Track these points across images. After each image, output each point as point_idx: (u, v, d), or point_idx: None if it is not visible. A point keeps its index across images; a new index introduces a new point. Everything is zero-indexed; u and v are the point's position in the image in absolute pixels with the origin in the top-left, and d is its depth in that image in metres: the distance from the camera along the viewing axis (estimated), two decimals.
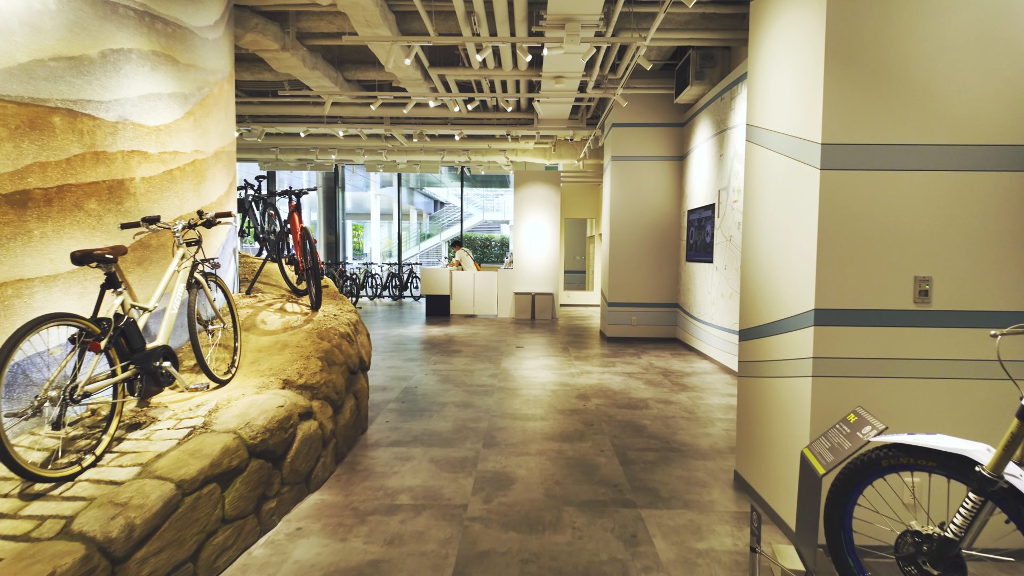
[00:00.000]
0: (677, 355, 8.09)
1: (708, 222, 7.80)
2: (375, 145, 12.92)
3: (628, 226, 9.29)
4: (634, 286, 9.34)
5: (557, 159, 13.55)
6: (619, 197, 9.28)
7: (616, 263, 9.34)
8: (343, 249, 19.63)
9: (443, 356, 7.76)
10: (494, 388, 5.98)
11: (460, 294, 12.46)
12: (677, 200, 9.26)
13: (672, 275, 9.33)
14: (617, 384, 6.25)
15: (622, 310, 9.36)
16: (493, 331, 10.29)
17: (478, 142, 12.76)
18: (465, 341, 9.09)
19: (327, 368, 3.85)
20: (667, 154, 9.23)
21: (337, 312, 4.98)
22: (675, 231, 9.28)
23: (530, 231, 12.49)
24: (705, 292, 7.88)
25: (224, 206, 4.59)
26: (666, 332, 9.37)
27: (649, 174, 9.25)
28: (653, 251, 9.30)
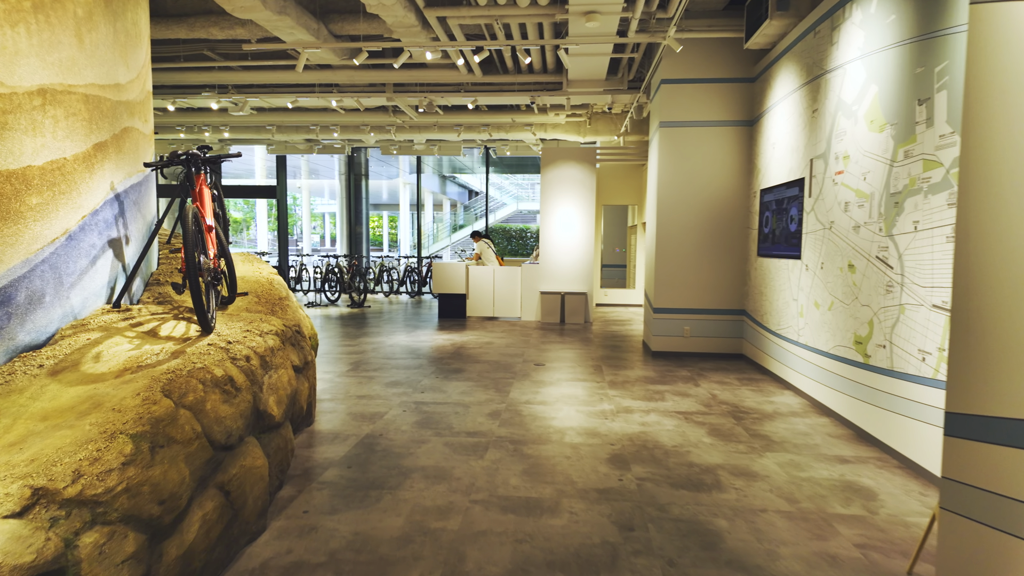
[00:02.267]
0: (747, 381, 6.11)
1: (793, 204, 5.78)
2: (381, 121, 11.22)
3: (680, 211, 7.31)
4: (687, 288, 7.37)
5: (593, 135, 11.60)
6: (669, 174, 7.31)
7: (664, 259, 7.38)
8: (366, 241, 18.17)
9: (439, 378, 6.00)
10: (490, 440, 4.17)
11: (478, 293, 10.68)
12: (744, 177, 7.22)
13: (737, 274, 7.31)
14: (669, 435, 4.35)
15: (671, 318, 7.40)
16: (512, 339, 8.48)
17: (499, 114, 10.91)
18: (474, 354, 7.30)
19: (144, 457, 2.11)
20: (731, 118, 7.19)
21: (240, 336, 3.25)
22: (741, 217, 7.25)
23: (560, 219, 10.59)
24: (787, 298, 5.87)
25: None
26: (728, 347, 7.37)
27: (708, 144, 7.24)
28: (712, 243, 7.30)
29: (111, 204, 3.67)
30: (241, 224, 43.85)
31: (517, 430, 4.38)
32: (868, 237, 4.33)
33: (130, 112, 4.14)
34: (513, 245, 30.16)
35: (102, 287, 3.49)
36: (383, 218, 48.68)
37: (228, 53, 8.72)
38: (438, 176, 32.08)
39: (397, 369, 6.44)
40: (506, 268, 10.70)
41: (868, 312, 4.30)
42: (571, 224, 10.57)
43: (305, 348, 4.16)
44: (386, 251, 42.11)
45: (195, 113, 11.29)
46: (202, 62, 8.68)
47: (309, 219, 34.07)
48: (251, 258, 5.59)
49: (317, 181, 35.91)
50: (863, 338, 4.38)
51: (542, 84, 9.22)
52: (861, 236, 4.44)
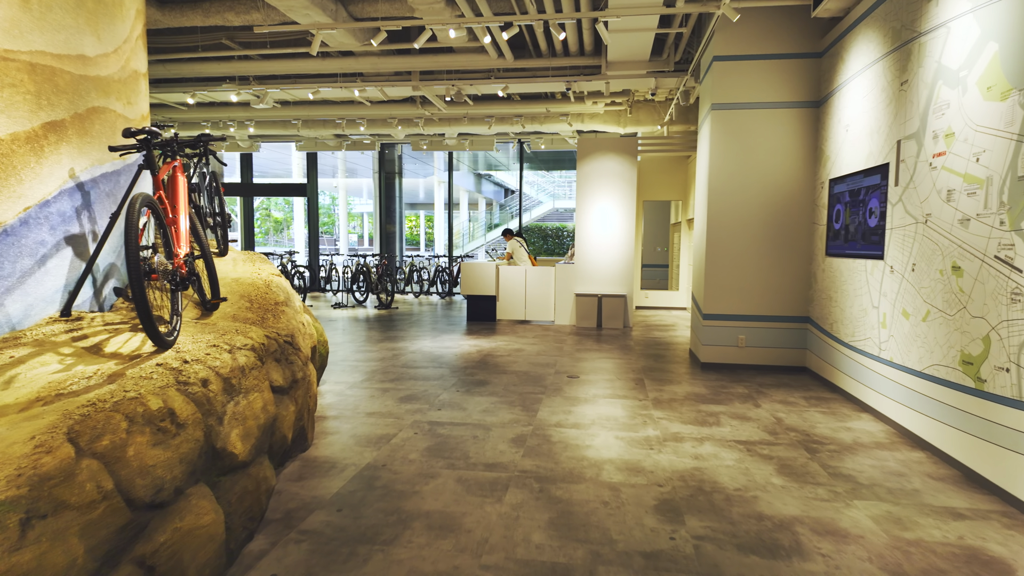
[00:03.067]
0: (816, 401, 5.26)
1: (873, 194, 4.91)
2: (409, 113, 10.67)
3: (734, 205, 6.49)
4: (742, 291, 6.53)
5: (634, 126, 10.79)
6: (722, 163, 6.49)
7: (716, 258, 6.56)
8: (400, 241, 17.75)
9: (460, 392, 5.36)
10: (512, 475, 3.50)
11: (508, 294, 10.02)
12: (809, 166, 6.34)
13: (800, 276, 6.44)
14: (729, 472, 3.59)
15: (724, 325, 6.58)
16: (544, 346, 7.78)
17: (532, 104, 10.22)
18: (501, 363, 6.64)
19: (8, 537, 1.51)
20: (794, 98, 6.32)
21: (202, 353, 2.66)
22: (805, 211, 6.38)
23: (598, 216, 9.84)
24: (865, 304, 5.00)
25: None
26: (790, 359, 6.51)
27: (767, 129, 6.39)
28: (771, 241, 6.45)
29: (70, 194, 3.14)
30: (282, 224, 44.42)
31: (544, 462, 3.69)
32: (982, 232, 3.48)
33: (103, 90, 3.61)
34: (549, 244, 29.41)
35: (55, 292, 2.95)
36: (419, 217, 48.61)
37: (247, 42, 8.29)
38: (473, 174, 31.60)
39: (415, 380, 5.82)
40: (539, 268, 10.00)
41: (982, 326, 3.45)
42: (609, 221, 9.80)
43: (297, 363, 3.56)
44: (422, 251, 41.96)
45: (218, 108, 10.97)
46: (221, 51, 8.27)
47: (346, 218, 34.07)
48: (254, 257, 5.07)
49: (355, 180, 35.89)
50: (974, 358, 3.53)
51: (579, 68, 8.49)
52: (972, 231, 3.58)
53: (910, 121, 4.33)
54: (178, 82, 9.55)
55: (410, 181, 33.37)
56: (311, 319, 5.49)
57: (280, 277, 4.74)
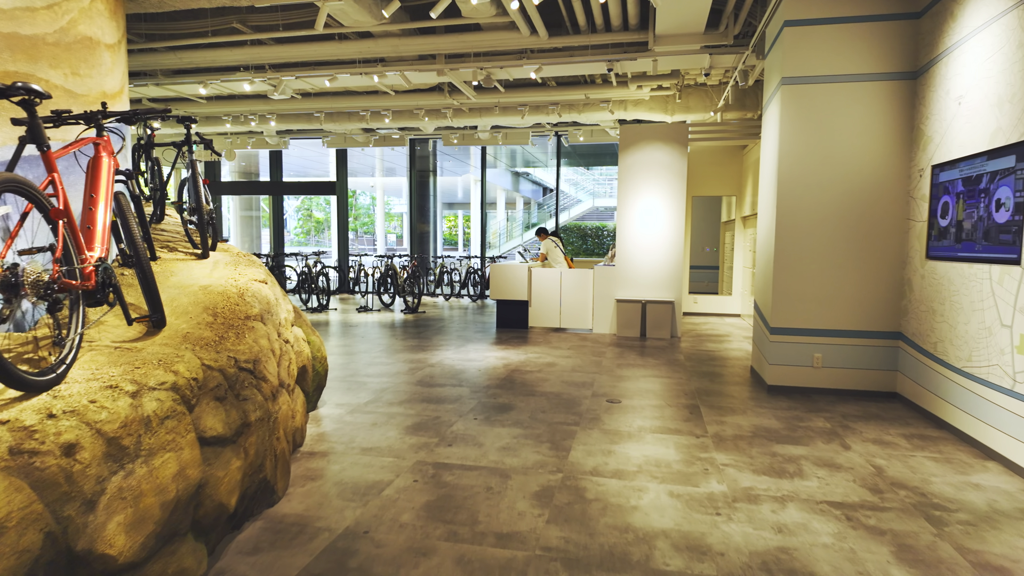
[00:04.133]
0: (919, 442, 4.20)
1: (1003, 181, 3.82)
2: (436, 103, 9.90)
3: (809, 198, 5.44)
4: (819, 301, 5.48)
5: (683, 113, 9.76)
6: (793, 148, 5.45)
7: (785, 262, 5.52)
8: (434, 241, 17.09)
9: (478, 420, 4.51)
10: (531, 553, 2.62)
11: (542, 299, 9.13)
12: (903, 149, 5.24)
13: (890, 283, 5.35)
14: (828, 555, 2.62)
15: (796, 342, 5.54)
16: (580, 360, 6.87)
17: (569, 90, 9.30)
18: (530, 381, 5.77)
19: None
20: (884, 69, 5.24)
21: (85, 400, 1.88)
22: (897, 205, 5.28)
23: (642, 212, 8.85)
24: (988, 321, 3.92)
25: None
26: (877, 382, 5.42)
27: (850, 106, 5.33)
28: (854, 241, 5.38)
29: None
30: (323, 224, 44.64)
31: (576, 533, 2.80)
32: None
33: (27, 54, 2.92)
34: (588, 244, 28.37)
35: None
36: (458, 217, 48.15)
37: (260, 25, 7.66)
38: (510, 173, 30.82)
39: (428, 403, 5.00)
40: (575, 271, 9.08)
41: None
42: (655, 218, 8.80)
43: (256, 397, 2.77)
44: (460, 251, 41.45)
45: (238, 101, 10.44)
46: (232, 35, 7.66)
47: (383, 218, 33.79)
48: (239, 260, 4.35)
49: (394, 180, 35.59)
50: None
51: (621, 46, 7.53)
52: None
53: None
54: (191, 72, 9.03)
55: (448, 180, 32.85)
56: (307, 332, 4.73)
57: (265, 284, 3.99)
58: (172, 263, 4.01)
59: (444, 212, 46.97)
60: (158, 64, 8.40)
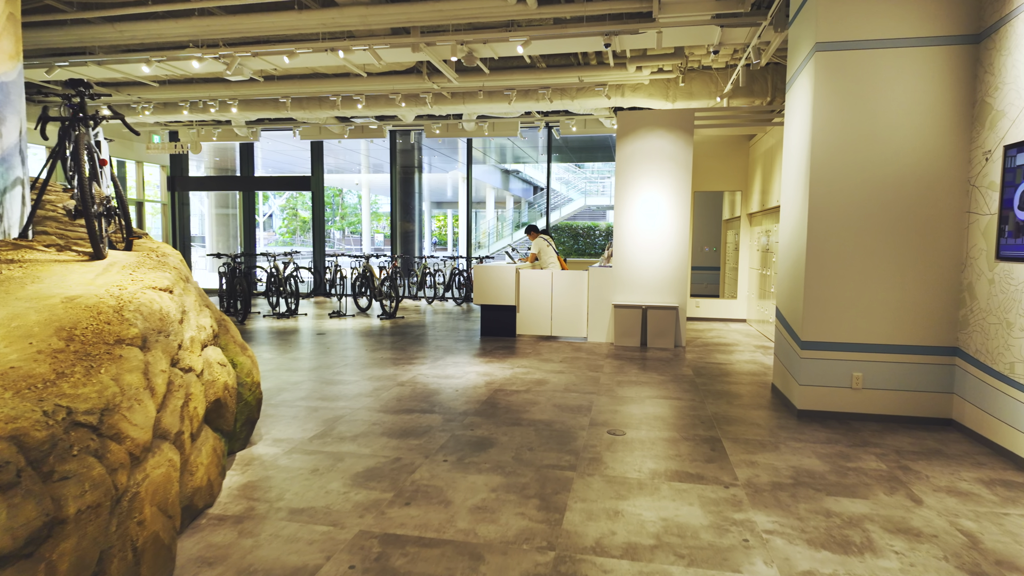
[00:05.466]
0: (1006, 489, 3.32)
1: None
2: (414, 87, 8.96)
3: (847, 188, 4.56)
4: (859, 310, 4.60)
5: (686, 99, 8.89)
6: (830, 127, 4.57)
7: (820, 263, 4.64)
8: (419, 240, 16.17)
9: (449, 462, 3.59)
10: None
11: (531, 304, 8.22)
12: (961, 128, 4.37)
13: (946, 288, 4.48)
14: None
15: (832, 358, 4.66)
16: (575, 376, 5.97)
17: (561, 73, 8.40)
18: (515, 406, 4.85)
19: None
20: (939, 32, 4.37)
21: None
22: (955, 195, 4.42)
23: (642, 207, 7.96)
24: None
25: None
26: (928, 407, 4.55)
27: (898, 77, 4.45)
28: (902, 238, 4.51)
29: None
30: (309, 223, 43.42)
31: None
32: None
33: None
34: (580, 244, 27.51)
35: None
36: (447, 217, 47.13)
37: None
38: (500, 170, 29.91)
39: (389, 437, 4.07)
40: (568, 273, 8.17)
41: None
42: (657, 213, 7.91)
43: (89, 473, 1.83)
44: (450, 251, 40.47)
45: (196, 86, 9.45)
46: (177, 3, 6.68)
47: (370, 217, 32.76)
48: (144, 262, 3.42)
49: (381, 176, 34.55)
50: None
51: (621, 17, 6.63)
52: None
53: None
54: (136, 50, 8.04)
55: (436, 177, 31.92)
56: (233, 352, 3.78)
57: (168, 293, 3.05)
58: (43, 266, 3.05)
59: (433, 211, 46.03)
60: (96, 38, 7.40)
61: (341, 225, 46.69)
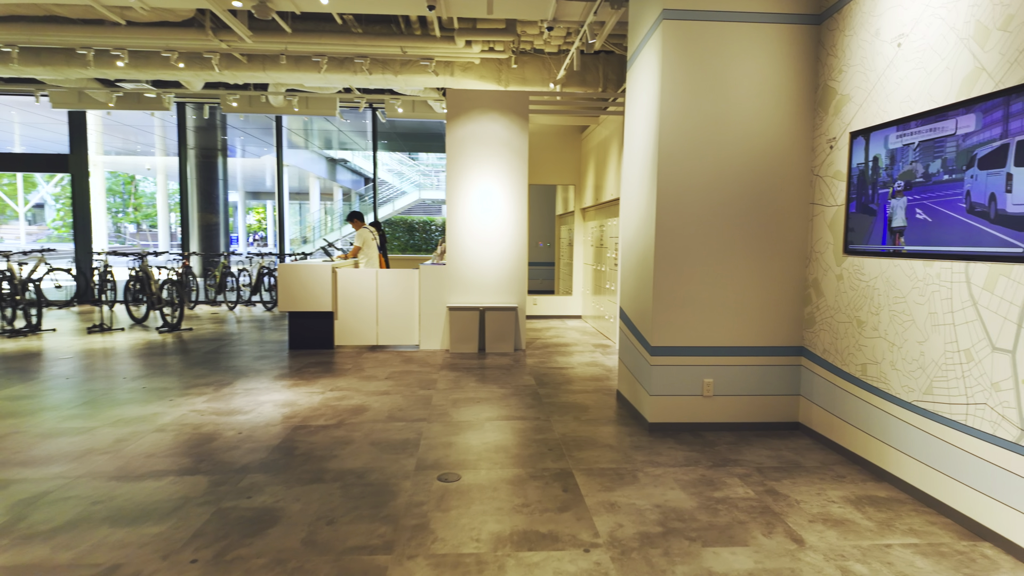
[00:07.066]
0: (875, 511, 2.99)
1: (990, 144, 2.71)
2: (196, 45, 7.22)
3: (698, 178, 4.12)
4: (709, 310, 4.20)
5: (519, 84, 8.26)
6: (680, 107, 4.08)
7: (669, 261, 4.16)
8: (225, 235, 13.86)
9: (200, 565, 2.40)
10: None
11: (352, 309, 7.02)
12: (807, 113, 4.14)
13: (790, 284, 4.24)
14: None
15: (682, 364, 4.21)
16: (402, 398, 4.96)
17: (381, 41, 7.28)
18: (322, 448, 3.72)
19: None
20: (782, 8, 4.09)
21: None
22: (801, 186, 4.18)
23: (478, 200, 7.17)
24: (963, 340, 2.79)
25: None
26: (777, 411, 4.30)
27: (748, 55, 4.09)
28: (750, 231, 4.18)
29: None
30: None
31: None
32: None
33: None
34: (416, 239, 26.37)
35: None
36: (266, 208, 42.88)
37: None
38: (325, 159, 27.59)
39: (113, 525, 2.74)
40: (396, 272, 7.11)
41: None
42: (493, 205, 7.17)
43: None
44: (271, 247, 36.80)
45: None
46: None
47: (166, 208, 28.38)
48: None
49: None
50: None
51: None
52: None
53: None
54: None
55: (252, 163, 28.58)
56: None
57: None
58: None
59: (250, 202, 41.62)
60: None
61: (135, 218, 40.21)
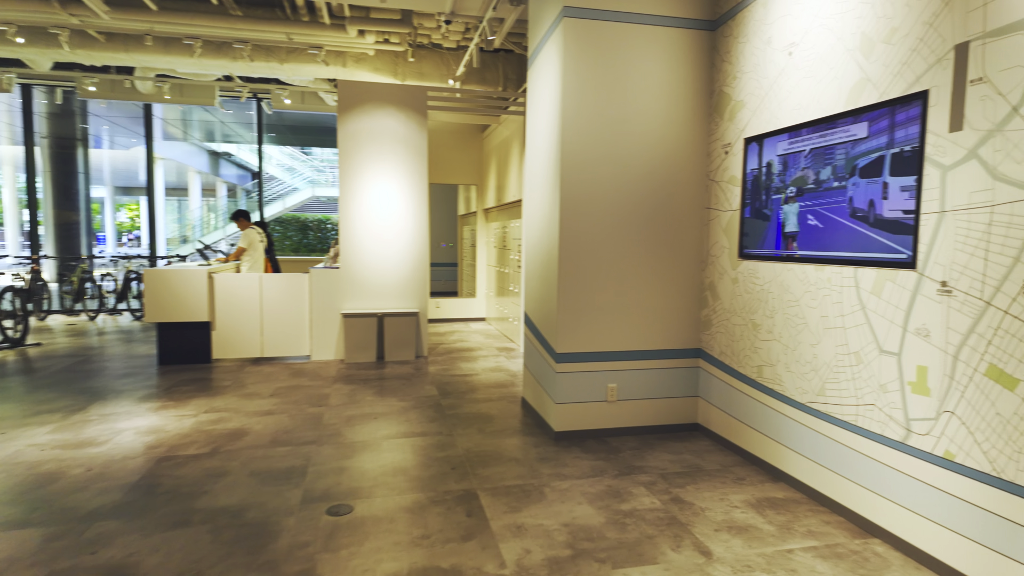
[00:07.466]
0: (775, 514, 3.03)
1: (876, 153, 2.80)
2: (37, 17, 6.27)
3: (603, 178, 4.05)
4: (613, 314, 4.14)
5: (417, 80, 7.95)
6: (582, 107, 3.98)
7: (574, 266, 4.05)
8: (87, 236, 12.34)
9: None
10: None
11: (233, 319, 6.39)
12: (703, 119, 4.19)
13: (689, 287, 4.28)
14: None
15: (588, 370, 4.13)
16: (289, 418, 4.52)
17: (264, 26, 6.68)
18: (191, 482, 3.24)
19: None
20: (680, 12, 4.10)
21: None
22: (698, 190, 4.23)
23: (374, 198, 6.77)
24: (854, 343, 2.88)
25: None
26: (678, 413, 4.33)
27: (649, 58, 4.07)
28: (652, 235, 4.17)
29: None
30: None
31: None
32: None
33: None
34: (310, 239, 25.07)
35: None
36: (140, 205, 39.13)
37: None
38: (207, 152, 25.54)
39: None
40: (284, 277, 6.56)
41: None
42: (391, 205, 6.80)
43: None
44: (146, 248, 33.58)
45: None
46: None
47: (16, 205, 25.05)
48: None
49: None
50: None
51: None
52: None
53: (1002, 2, 2.22)
54: None
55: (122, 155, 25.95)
56: None
57: None
58: None
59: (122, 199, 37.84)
60: None
61: None
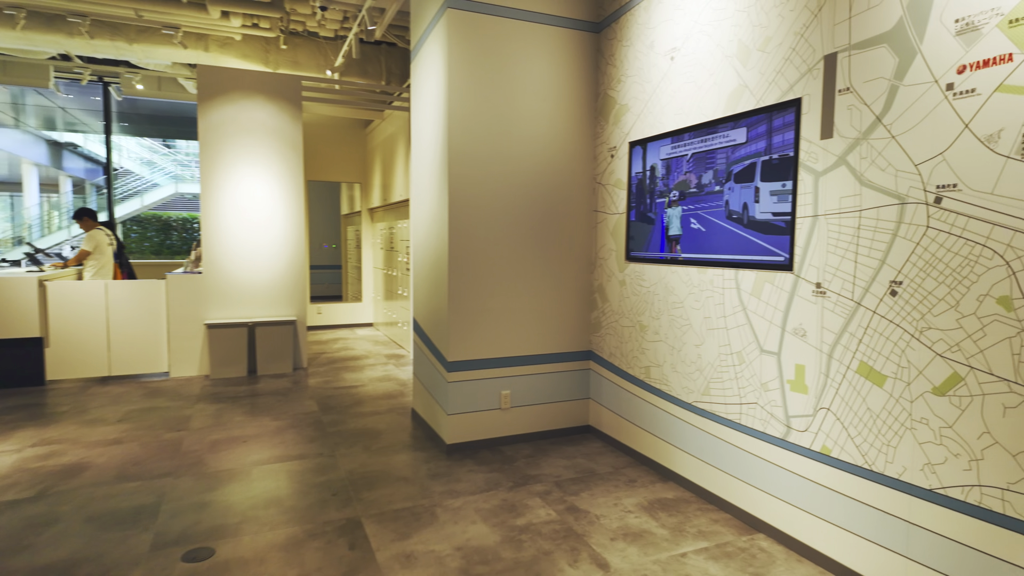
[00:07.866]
0: (667, 517, 3.04)
1: (751, 160, 2.88)
2: None
3: (492, 179, 3.90)
4: (505, 319, 4.02)
5: (291, 68, 7.41)
6: (467, 105, 3.81)
7: (465, 269, 3.88)
8: None
9: None
10: None
11: (73, 333, 5.54)
12: (589, 120, 4.18)
13: (580, 290, 4.26)
14: None
15: (481, 378, 3.97)
16: (139, 447, 3.94)
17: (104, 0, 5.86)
18: (4, 533, 2.67)
19: None
20: (563, 12, 4.06)
21: None
22: (587, 193, 4.21)
23: (242, 196, 6.17)
24: (736, 344, 2.96)
25: None
26: (570, 416, 4.29)
27: (535, 57, 3.98)
28: (542, 238, 4.10)
29: None
30: None
31: None
32: None
33: None
34: (173, 240, 22.88)
35: None
36: None
37: None
38: (46, 142, 22.48)
39: None
40: (133, 284, 5.79)
41: None
42: (263, 203, 6.23)
43: None
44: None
45: None
46: None
47: None
48: None
49: None
50: None
51: None
52: None
53: (865, 17, 2.34)
54: None
55: None
56: None
57: None
58: None
59: None
60: None
61: None
